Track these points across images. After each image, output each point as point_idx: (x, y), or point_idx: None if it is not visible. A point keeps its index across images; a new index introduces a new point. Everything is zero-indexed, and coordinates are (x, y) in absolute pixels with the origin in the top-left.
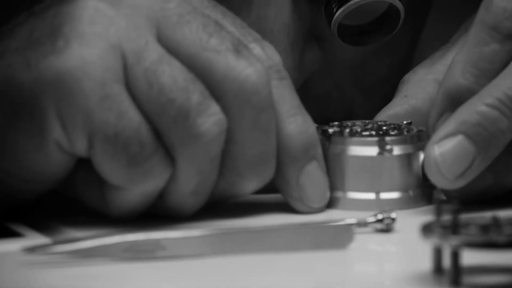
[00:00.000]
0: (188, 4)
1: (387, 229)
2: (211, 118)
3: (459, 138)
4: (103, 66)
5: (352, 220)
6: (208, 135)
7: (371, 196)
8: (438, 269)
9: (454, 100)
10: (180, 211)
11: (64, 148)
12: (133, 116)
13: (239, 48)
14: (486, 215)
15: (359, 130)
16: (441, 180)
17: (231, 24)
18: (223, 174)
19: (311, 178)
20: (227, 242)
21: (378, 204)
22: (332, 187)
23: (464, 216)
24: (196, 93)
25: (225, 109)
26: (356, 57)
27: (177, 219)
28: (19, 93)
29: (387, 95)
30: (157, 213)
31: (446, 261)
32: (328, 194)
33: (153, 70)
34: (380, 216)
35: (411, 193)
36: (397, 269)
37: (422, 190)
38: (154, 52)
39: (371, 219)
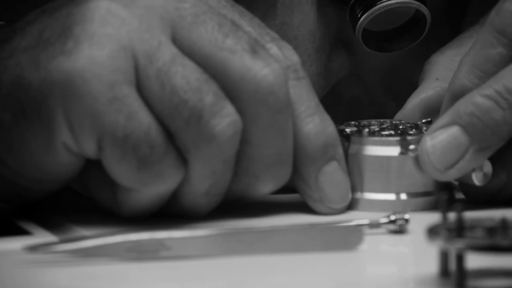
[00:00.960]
0: (204, 3)
1: (400, 230)
2: (225, 119)
3: (453, 129)
4: (112, 68)
5: (364, 221)
6: (222, 137)
7: (391, 197)
8: (444, 272)
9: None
10: (193, 212)
11: (72, 150)
12: (143, 118)
13: (255, 48)
14: (496, 217)
15: (377, 129)
16: (433, 171)
17: (248, 24)
18: (238, 175)
19: (331, 179)
20: (233, 242)
21: (399, 205)
22: (352, 188)
23: (472, 218)
24: (209, 94)
25: (241, 110)
26: (386, 62)
27: (187, 218)
28: (27, 93)
29: None
30: (170, 213)
31: (453, 264)
32: (350, 195)
33: (166, 71)
34: (393, 217)
35: (432, 194)
36: (405, 271)
37: (444, 191)
38: (167, 52)
39: (384, 220)
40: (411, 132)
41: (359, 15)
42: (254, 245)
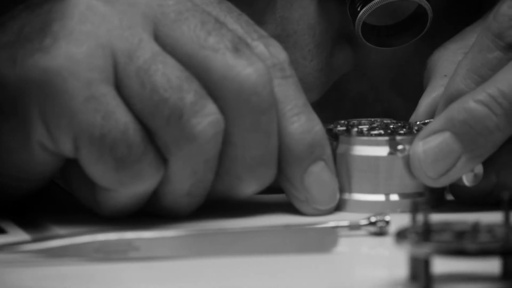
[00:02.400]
0: (188, 0)
1: (381, 233)
2: (206, 119)
3: (445, 135)
4: (90, 66)
5: (344, 223)
6: (203, 136)
7: (380, 198)
8: (414, 276)
9: None
10: (175, 212)
11: (48, 149)
12: (121, 117)
13: (239, 47)
14: (470, 220)
15: (366, 128)
16: (424, 178)
17: (235, 21)
18: (221, 175)
19: (317, 179)
20: (205, 243)
21: (388, 207)
22: (340, 189)
23: (443, 221)
24: (191, 93)
25: (223, 110)
26: (392, 59)
27: (169, 217)
28: (4, 89)
29: None
30: (152, 213)
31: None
32: (337, 196)
33: (146, 69)
34: (373, 219)
35: (422, 195)
36: (376, 274)
37: (434, 193)
38: (147, 50)
39: (364, 222)
40: (401, 131)
41: (358, 9)
42: (226, 247)
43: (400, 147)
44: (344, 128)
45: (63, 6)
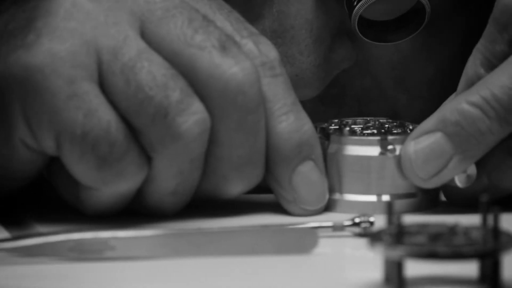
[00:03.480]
0: None
1: (365, 234)
2: (192, 117)
3: (437, 136)
4: (73, 63)
5: (328, 224)
6: (188, 135)
7: (372, 198)
8: (388, 278)
9: None
10: (160, 211)
11: (30, 147)
12: (103, 115)
13: (226, 45)
14: (449, 222)
15: (359, 128)
16: (415, 179)
17: (225, 18)
18: (207, 175)
19: (306, 179)
20: (182, 243)
21: (380, 207)
22: (330, 189)
23: (420, 223)
24: (176, 91)
25: (209, 108)
26: (395, 54)
27: (155, 216)
28: None
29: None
30: (138, 211)
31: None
32: (326, 196)
33: (131, 67)
34: (357, 220)
35: (415, 196)
36: (352, 276)
37: (428, 194)
38: (133, 48)
39: (348, 222)
40: (395, 131)
41: (355, 3)
42: (203, 247)
43: (390, 147)
44: (336, 127)
45: (48, 2)
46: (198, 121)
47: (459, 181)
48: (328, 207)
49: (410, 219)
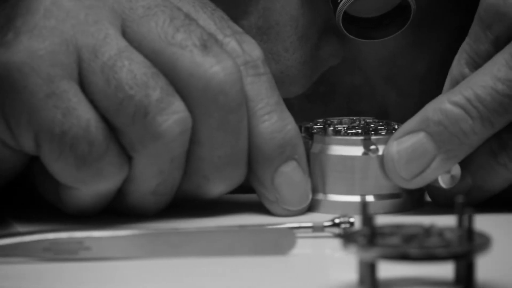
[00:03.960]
0: None
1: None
2: (173, 116)
3: (420, 136)
4: (52, 62)
5: (308, 224)
6: (168, 134)
7: (355, 199)
8: (362, 280)
9: None
10: (141, 210)
11: (9, 146)
12: (82, 114)
13: (207, 44)
14: (426, 223)
15: (344, 128)
16: (398, 179)
17: (208, 16)
18: (188, 175)
19: (288, 179)
20: (157, 244)
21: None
22: (314, 189)
23: (395, 225)
24: (157, 90)
25: (190, 108)
26: (383, 51)
27: (138, 216)
28: None
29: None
30: (120, 211)
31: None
32: (309, 196)
33: (111, 65)
34: (337, 220)
35: (400, 196)
36: (327, 278)
37: (412, 194)
38: (113, 46)
39: (328, 223)
40: (380, 131)
41: (339, 0)
42: (179, 247)
43: (372, 147)
44: (321, 126)
45: (28, 1)
46: (178, 120)
47: (443, 182)
48: (312, 207)
49: (386, 219)
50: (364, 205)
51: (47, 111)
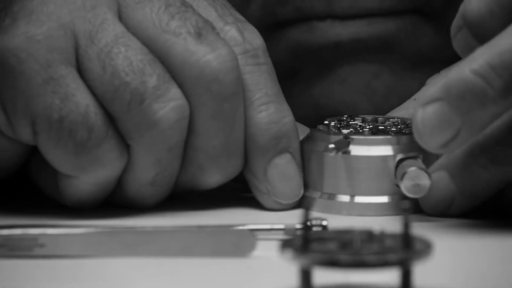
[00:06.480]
0: None
1: None
2: (169, 104)
3: (442, 105)
4: (49, 47)
5: (280, 226)
6: (165, 122)
7: (345, 198)
8: (301, 286)
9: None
10: (140, 202)
11: (6, 134)
12: (81, 100)
13: (202, 32)
14: (376, 228)
15: (359, 126)
16: (426, 146)
17: (209, 3)
18: (184, 165)
19: (281, 172)
20: (113, 242)
21: (352, 208)
22: (311, 186)
23: (338, 230)
24: (153, 77)
25: (186, 96)
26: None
27: (137, 208)
28: None
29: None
30: (117, 203)
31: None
32: (301, 191)
33: (107, 52)
34: (309, 223)
35: (388, 199)
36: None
37: (402, 197)
38: (110, 32)
39: (299, 226)
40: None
41: None
42: (135, 247)
43: (331, 146)
44: (332, 123)
45: None
46: (175, 108)
47: (405, 189)
48: (308, 205)
49: (337, 223)
50: (306, 210)
51: (45, 96)
